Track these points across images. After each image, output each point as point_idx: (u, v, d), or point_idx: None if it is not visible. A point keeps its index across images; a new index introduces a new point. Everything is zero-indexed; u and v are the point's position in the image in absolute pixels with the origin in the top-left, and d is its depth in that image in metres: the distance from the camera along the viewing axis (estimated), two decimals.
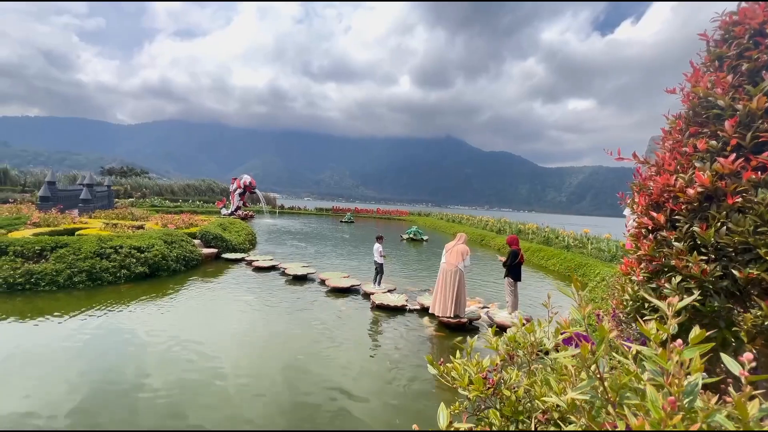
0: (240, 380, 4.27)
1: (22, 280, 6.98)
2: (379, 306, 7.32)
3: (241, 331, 5.80)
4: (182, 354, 4.82)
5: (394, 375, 4.64)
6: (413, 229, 21.32)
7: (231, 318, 6.40)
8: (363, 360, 5.03)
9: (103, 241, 8.38)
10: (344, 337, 5.75)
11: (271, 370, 4.58)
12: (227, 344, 5.27)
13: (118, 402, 3.70)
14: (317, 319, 6.53)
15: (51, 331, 5.35)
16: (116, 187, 34.24)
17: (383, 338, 5.95)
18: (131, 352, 4.84)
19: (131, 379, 4.14)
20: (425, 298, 7.77)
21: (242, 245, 12.97)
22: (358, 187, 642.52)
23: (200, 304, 7.04)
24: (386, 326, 6.49)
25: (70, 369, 4.30)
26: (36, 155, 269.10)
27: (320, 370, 4.60)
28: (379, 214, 43.76)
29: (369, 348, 5.49)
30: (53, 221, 11.37)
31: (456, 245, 6.87)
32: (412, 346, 5.64)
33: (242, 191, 27.79)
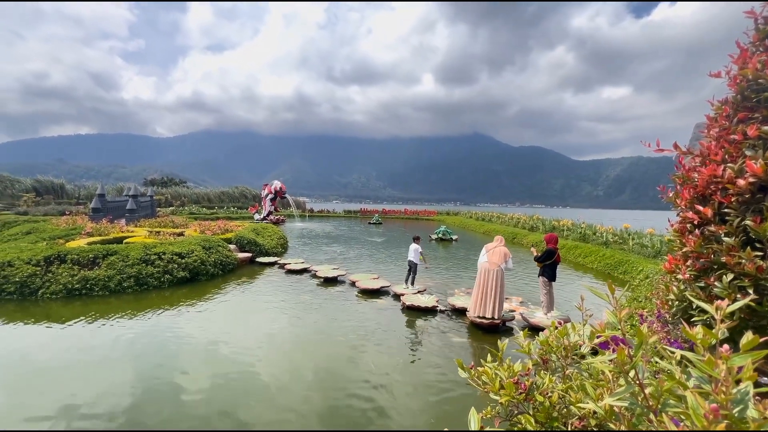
0: (276, 379, 4.41)
1: (79, 286, 7.57)
2: (409, 307, 7.31)
3: (275, 333, 5.99)
4: (221, 354, 5.05)
5: (424, 377, 4.62)
6: (442, 229, 21.11)
7: (265, 320, 6.62)
8: (393, 361, 5.04)
9: (148, 248, 8.93)
10: (374, 339, 5.79)
11: (305, 370, 4.70)
12: (262, 345, 5.46)
13: (165, 399, 3.93)
14: (348, 320, 6.62)
15: (105, 332, 5.77)
16: (158, 197, 36.37)
17: (414, 340, 5.94)
18: (175, 352, 5.12)
19: (176, 377, 4.39)
20: (457, 299, 7.68)
21: (275, 249, 13.38)
22: (385, 188, 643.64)
23: (237, 307, 7.34)
24: (417, 328, 6.47)
25: (122, 368, 4.62)
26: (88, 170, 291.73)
27: (351, 370, 4.66)
28: (406, 215, 43.66)
29: (399, 350, 5.49)
30: (104, 231, 12.26)
31: (498, 246, 6.79)
32: (443, 347, 5.58)
33: (273, 196, 28.65)
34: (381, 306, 7.61)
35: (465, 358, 5.24)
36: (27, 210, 26.00)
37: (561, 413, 1.18)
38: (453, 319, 6.91)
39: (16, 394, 3.97)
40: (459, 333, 6.25)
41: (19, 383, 4.21)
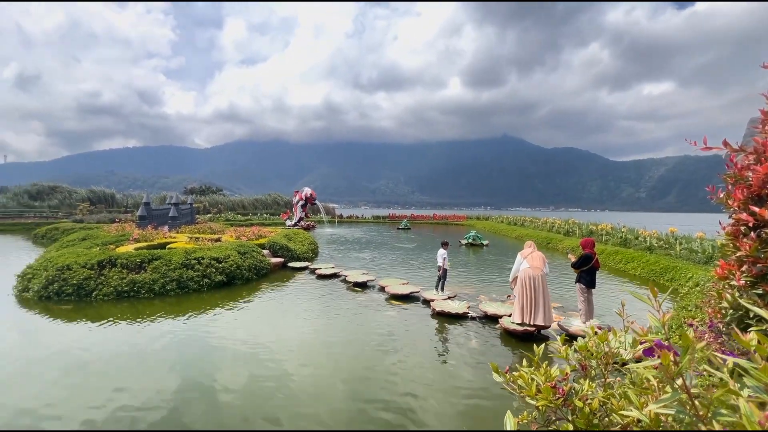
0: (305, 381, 4.50)
1: (127, 288, 8.12)
2: (439, 313, 7.23)
3: (306, 336, 6.12)
4: (255, 356, 5.22)
5: (455, 383, 4.54)
6: (472, 234, 20.74)
7: (297, 323, 6.78)
8: (424, 366, 5.00)
9: (188, 253, 9.43)
10: (404, 343, 5.77)
11: (335, 373, 4.76)
12: (294, 348, 5.59)
13: (202, 397, 4.12)
14: (378, 324, 6.64)
15: (150, 332, 6.14)
16: (197, 205, 38.32)
17: (444, 345, 5.87)
18: (212, 352, 5.36)
19: (212, 377, 4.59)
20: (488, 306, 7.51)
21: (306, 254, 13.70)
22: (414, 193, 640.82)
23: (270, 310, 7.57)
24: (447, 333, 6.38)
25: (164, 366, 4.89)
26: (134, 180, 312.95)
27: (380, 375, 4.66)
28: (435, 220, 43.28)
29: (430, 355, 5.44)
30: (149, 237, 13.07)
31: (534, 251, 6.65)
32: (475, 353, 5.47)
33: (304, 203, 29.38)
34: (411, 311, 7.58)
35: (498, 365, 5.11)
36: (82, 218, 28.25)
37: (602, 421, 1.13)
38: (484, 326, 6.76)
39: (75, 388, 4.31)
40: (491, 340, 6.10)
41: (76, 378, 4.57)
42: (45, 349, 5.50)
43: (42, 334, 6.13)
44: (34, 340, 5.93)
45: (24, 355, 5.30)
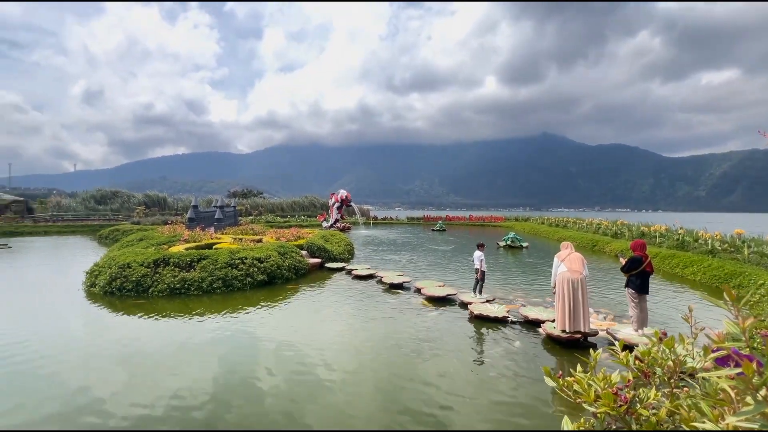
0: (341, 381, 4.56)
1: (179, 286, 8.68)
2: (477, 316, 7.06)
3: (342, 336, 6.22)
4: (294, 354, 5.39)
5: (495, 388, 4.40)
6: (511, 236, 20.08)
7: (333, 323, 6.91)
8: (463, 370, 4.90)
9: (233, 253, 9.92)
10: (442, 347, 5.69)
11: (370, 378, 4.79)
12: (330, 347, 5.70)
13: (243, 392, 4.30)
14: (413, 327, 6.61)
15: (198, 327, 6.53)
16: (239, 207, 40.26)
17: (484, 350, 5.71)
18: (256, 348, 5.60)
19: (255, 372, 4.79)
20: (529, 310, 7.22)
21: (342, 255, 13.94)
22: (449, 194, 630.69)
23: (308, 310, 7.78)
24: (486, 337, 6.22)
25: (210, 359, 5.18)
26: (184, 185, 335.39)
27: (416, 383, 4.57)
28: (471, 221, 42.38)
29: (469, 359, 5.32)
30: (197, 238, 13.91)
31: (571, 252, 6.30)
32: (517, 359, 5.28)
33: (339, 205, 29.94)
34: (447, 314, 7.47)
35: (539, 372, 4.88)
36: (139, 220, 30.65)
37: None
38: (525, 331, 6.51)
39: (132, 374, 4.68)
40: (533, 345, 5.86)
41: (133, 366, 4.95)
42: (107, 338, 6.03)
43: (106, 326, 6.72)
44: (98, 330, 6.51)
45: (90, 343, 5.84)
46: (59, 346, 5.66)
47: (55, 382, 4.49)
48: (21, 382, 4.48)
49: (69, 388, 4.33)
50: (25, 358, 5.15)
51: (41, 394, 4.18)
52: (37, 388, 4.31)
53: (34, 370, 4.79)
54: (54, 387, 4.36)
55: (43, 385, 4.39)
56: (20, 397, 4.11)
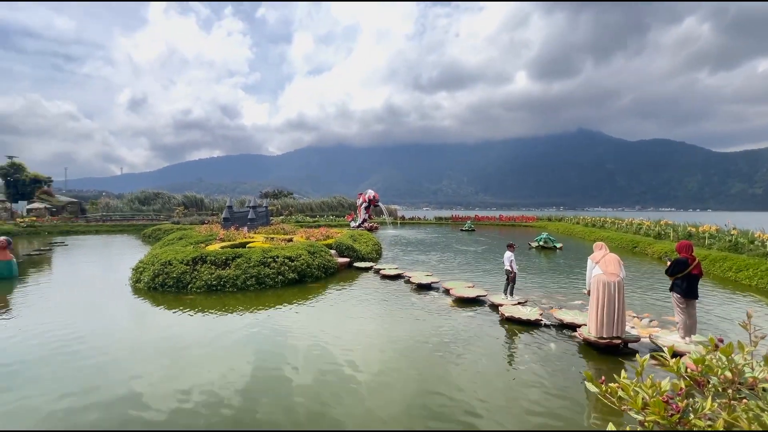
0: (367, 381, 4.57)
1: (215, 283, 9.06)
2: (508, 319, 6.87)
3: (370, 335, 6.25)
4: (322, 351, 5.47)
5: (531, 393, 4.26)
6: (543, 236, 19.39)
7: (361, 322, 6.96)
8: (493, 374, 4.78)
9: (265, 252, 10.23)
10: (470, 351, 5.58)
11: (397, 375, 4.78)
12: (358, 347, 5.73)
13: (273, 387, 4.42)
14: (442, 329, 6.53)
15: (233, 323, 6.79)
16: (271, 207, 41.50)
17: (516, 353, 5.55)
18: (286, 345, 5.74)
19: (284, 369, 4.90)
20: (564, 314, 6.94)
21: (370, 255, 14.02)
22: (477, 193, 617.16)
23: (337, 308, 7.88)
24: (518, 340, 6.04)
25: (243, 355, 5.36)
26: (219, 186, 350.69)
27: (444, 386, 4.50)
28: (502, 221, 41.34)
29: (499, 362, 5.19)
30: (232, 237, 14.47)
31: (607, 253, 6.00)
32: (551, 363, 5.08)
33: (367, 205, 30.15)
34: (477, 315, 7.33)
35: (575, 378, 4.68)
36: (179, 220, 32.33)
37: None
38: (560, 335, 6.26)
39: (172, 365, 4.93)
40: (568, 350, 5.63)
41: (174, 358, 5.22)
42: (150, 332, 6.41)
43: (149, 320, 7.14)
44: (142, 324, 6.94)
45: (134, 336, 6.24)
46: (107, 338, 6.07)
47: (102, 371, 4.82)
48: (72, 370, 4.84)
49: (113, 377, 4.63)
50: (77, 349, 5.56)
51: (88, 383, 4.50)
52: (85, 377, 4.64)
53: (84, 360, 5.16)
54: (100, 376, 4.67)
55: (91, 375, 4.72)
56: (70, 385, 4.44)
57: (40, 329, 6.37)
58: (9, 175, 40.54)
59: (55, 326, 6.51)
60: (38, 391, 4.28)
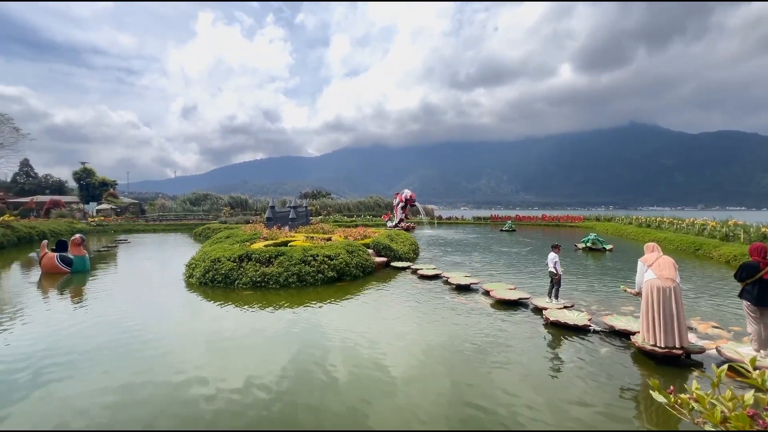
0: (404, 382, 4.54)
1: (260, 280, 9.49)
2: (553, 323, 6.55)
3: (407, 335, 6.22)
4: (360, 350, 5.53)
5: (577, 404, 4.03)
6: (591, 237, 18.29)
7: (399, 322, 6.95)
8: (535, 382, 4.57)
9: (305, 250, 10.55)
10: (512, 354, 5.39)
11: (434, 377, 4.71)
12: (395, 347, 5.73)
13: (314, 383, 4.52)
14: (481, 330, 6.36)
15: (275, 318, 7.07)
16: (310, 207, 42.74)
17: (560, 360, 5.28)
18: (324, 342, 5.87)
19: (322, 365, 5.01)
20: (616, 320, 6.50)
21: (407, 254, 14.00)
22: (518, 192, 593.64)
23: (374, 307, 7.95)
24: (564, 347, 5.74)
25: (284, 349, 5.56)
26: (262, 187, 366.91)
27: (483, 395, 4.36)
28: (544, 221, 39.56)
29: (542, 369, 4.96)
30: (274, 236, 15.08)
31: (660, 256, 5.54)
32: (600, 372, 4.78)
33: (404, 204, 30.11)
34: (519, 319, 7.06)
35: (630, 388, 4.35)
36: (226, 219, 34.27)
37: None
38: (610, 342, 5.87)
39: (216, 362, 5.23)
40: (620, 359, 5.26)
41: (218, 352, 5.54)
42: (201, 324, 6.84)
43: (199, 313, 7.63)
44: (194, 317, 7.42)
45: (187, 328, 6.69)
46: (163, 330, 6.56)
47: (158, 361, 5.21)
48: (133, 361, 5.27)
49: (169, 368, 4.98)
50: (137, 336, 6.07)
51: (144, 368, 4.89)
52: (144, 367, 5.04)
53: (143, 347, 5.62)
54: (157, 366, 5.05)
55: (150, 364, 5.12)
56: (130, 370, 4.85)
57: (108, 318, 7.04)
58: (81, 179, 45.12)
59: (119, 316, 7.17)
60: (104, 374, 4.73)
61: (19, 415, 3.82)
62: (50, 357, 5.24)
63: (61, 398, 4.16)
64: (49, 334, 6.22)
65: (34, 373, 4.74)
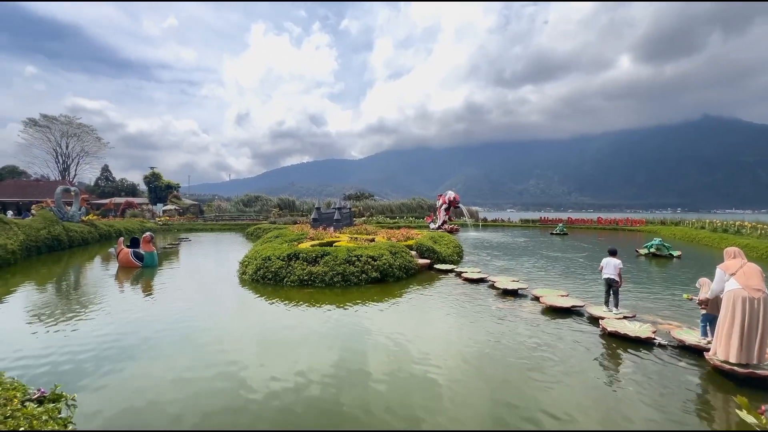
0: (449, 389, 4.44)
1: (306, 278, 9.83)
2: (612, 334, 6.08)
3: (452, 340, 6.10)
4: (403, 352, 5.51)
5: (639, 426, 3.69)
6: (656, 242, 16.70)
7: (443, 325, 6.84)
8: (589, 397, 4.26)
9: (350, 251, 10.75)
10: (563, 365, 5.07)
11: (480, 385, 4.57)
12: (438, 351, 5.64)
13: (356, 383, 4.58)
14: (530, 338, 6.06)
15: (320, 316, 7.27)
16: (354, 209, 43.53)
17: (619, 375, 4.87)
18: (367, 342, 5.93)
19: (365, 365, 5.07)
20: (685, 334, 5.89)
21: (451, 257, 13.75)
22: (571, 193, 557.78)
23: (418, 309, 7.89)
24: (624, 361, 5.29)
25: (328, 346, 5.69)
26: (308, 189, 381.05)
27: (531, 396, 4.17)
28: (600, 224, 36.89)
29: (598, 384, 4.61)
30: (320, 236, 15.55)
31: (745, 263, 4.93)
32: (668, 391, 4.34)
33: (447, 206, 29.63)
34: (572, 328, 6.63)
35: (703, 409, 3.90)
36: (275, 220, 35.99)
37: None
38: (678, 358, 5.31)
39: (266, 356, 5.48)
40: (691, 378, 4.74)
41: (267, 345, 5.80)
42: (252, 318, 7.24)
43: (251, 308, 8.08)
44: (246, 312, 7.88)
45: (239, 322, 7.11)
46: (219, 323, 7.02)
47: (213, 352, 5.58)
48: (190, 349, 5.70)
49: (222, 358, 5.32)
50: (195, 327, 6.56)
51: (201, 360, 5.25)
52: (199, 353, 5.44)
53: (200, 341, 6.05)
54: (212, 356, 5.42)
55: (206, 353, 5.51)
56: (188, 359, 5.25)
57: (171, 309, 7.70)
58: (150, 182, 49.83)
59: (181, 308, 7.82)
60: (165, 359, 5.17)
61: (91, 390, 4.29)
62: (121, 341, 5.83)
63: (125, 378, 4.61)
64: (123, 320, 6.93)
65: (97, 358, 5.29)
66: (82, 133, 56.02)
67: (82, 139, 56.29)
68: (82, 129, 56.01)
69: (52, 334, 6.15)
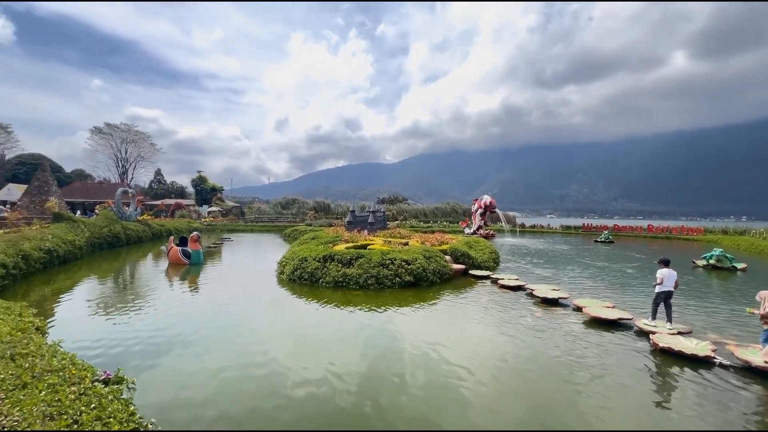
0: (482, 400, 4.32)
1: (341, 279, 10.00)
2: (664, 350, 5.65)
3: (485, 348, 5.94)
4: (435, 357, 5.46)
5: None
6: (716, 252, 15.31)
7: (478, 333, 6.68)
8: (638, 417, 3.98)
9: (384, 254, 10.81)
10: (607, 381, 4.78)
11: (515, 396, 4.42)
12: (472, 358, 5.51)
13: (388, 384, 4.60)
14: (572, 351, 5.77)
15: (354, 318, 7.36)
16: (387, 212, 43.71)
17: (673, 395, 4.52)
18: (399, 345, 5.93)
19: (397, 369, 5.06)
20: (751, 354, 5.35)
21: (487, 263, 13.42)
22: (617, 199, 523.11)
23: (452, 315, 7.77)
24: (678, 380, 4.90)
25: (360, 346, 5.75)
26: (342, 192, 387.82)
27: (571, 411, 3.96)
28: (651, 232, 34.41)
29: (647, 403, 4.29)
30: (355, 239, 15.76)
31: None
32: (731, 415, 3.96)
33: (483, 211, 28.97)
34: (618, 341, 6.24)
35: None
36: (311, 222, 36.98)
37: None
38: (743, 380, 4.83)
39: (300, 355, 5.63)
40: (758, 402, 4.28)
41: (300, 342, 5.95)
42: (288, 316, 7.48)
43: (288, 306, 8.34)
44: (283, 310, 8.14)
45: (275, 318, 7.36)
46: (257, 320, 7.34)
47: (249, 346, 5.83)
48: (230, 342, 5.98)
49: (261, 352, 5.54)
50: (236, 323, 6.88)
51: (240, 353, 5.50)
52: (239, 347, 5.69)
53: (240, 335, 6.35)
54: (250, 348, 5.66)
55: (244, 347, 5.76)
56: (228, 354, 5.50)
57: (214, 304, 8.15)
58: (197, 185, 53.03)
59: (223, 304, 8.25)
60: (207, 351, 5.46)
61: (144, 378, 4.62)
62: (167, 333, 6.24)
63: (170, 368, 4.93)
64: (170, 314, 7.42)
65: (143, 347, 5.68)
66: (138, 140, 60.96)
67: (138, 145, 61.23)
68: (138, 136, 60.97)
69: (107, 324, 6.72)
